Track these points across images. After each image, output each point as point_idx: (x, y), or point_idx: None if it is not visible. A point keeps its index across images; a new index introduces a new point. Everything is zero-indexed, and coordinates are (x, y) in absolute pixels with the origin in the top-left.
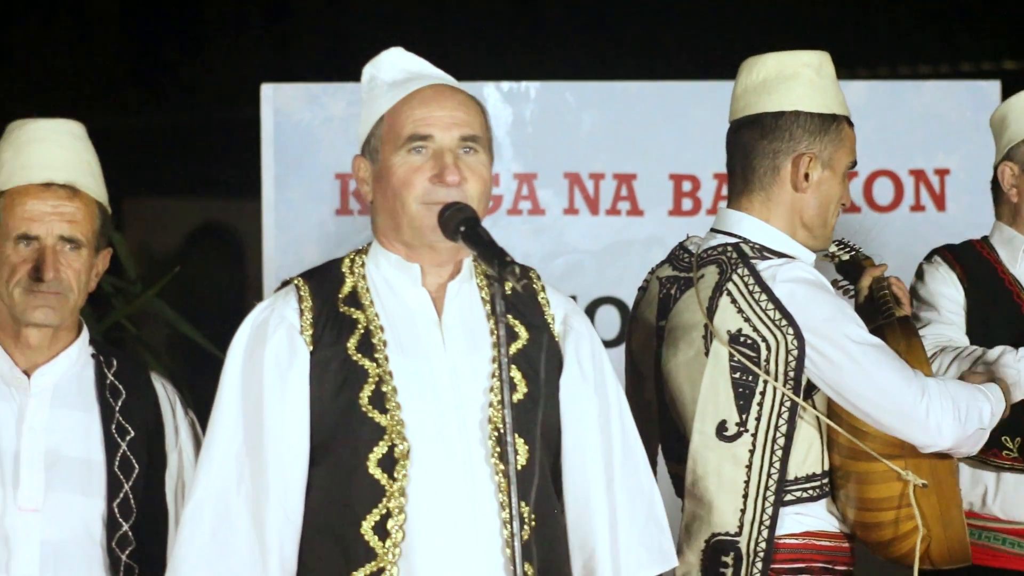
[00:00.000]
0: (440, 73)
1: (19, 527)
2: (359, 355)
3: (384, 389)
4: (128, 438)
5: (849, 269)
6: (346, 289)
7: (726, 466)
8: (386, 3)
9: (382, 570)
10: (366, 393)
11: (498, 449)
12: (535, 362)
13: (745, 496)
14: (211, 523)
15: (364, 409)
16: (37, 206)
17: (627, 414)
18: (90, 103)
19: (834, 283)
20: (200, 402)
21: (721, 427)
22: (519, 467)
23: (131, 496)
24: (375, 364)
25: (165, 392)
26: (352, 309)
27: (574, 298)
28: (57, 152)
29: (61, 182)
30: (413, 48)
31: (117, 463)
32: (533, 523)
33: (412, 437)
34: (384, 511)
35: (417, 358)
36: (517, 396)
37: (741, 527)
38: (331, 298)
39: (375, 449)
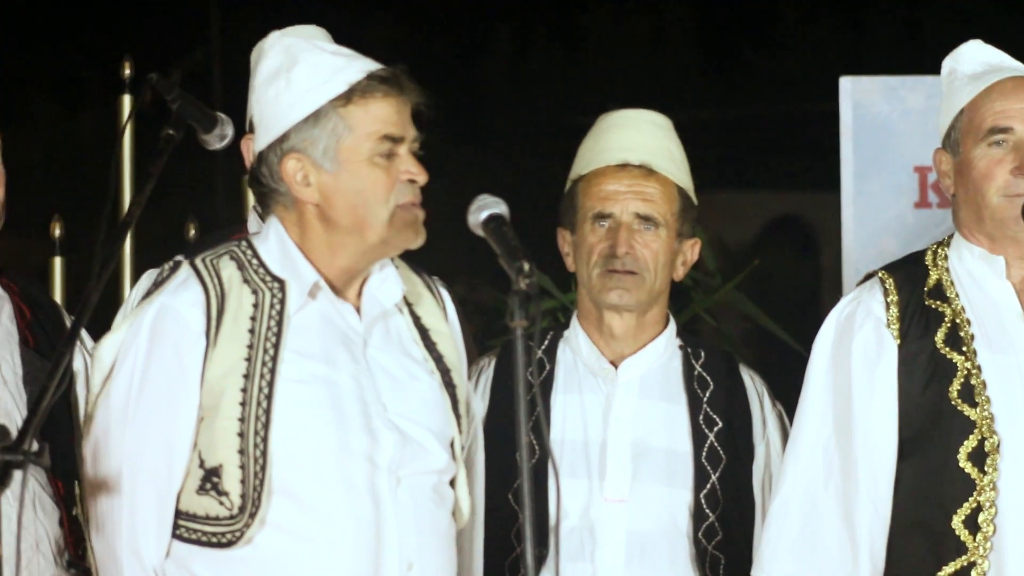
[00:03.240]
0: (1019, 65)
1: (605, 518)
2: (947, 348)
3: (973, 383)
4: (715, 429)
5: None
6: (931, 282)
7: None
8: None
9: (973, 564)
10: (955, 387)
11: None
12: None
13: None
14: (799, 519)
15: (954, 403)
16: (612, 185)
17: None
18: (665, 97)
19: None
20: (779, 394)
21: None
22: None
23: (718, 487)
24: (963, 357)
25: (753, 384)
26: (938, 302)
27: None
28: (634, 136)
29: (636, 163)
30: (990, 41)
31: (704, 454)
32: None
33: (1002, 431)
34: (975, 505)
35: (1004, 352)
36: None
37: None
38: (916, 291)
39: (965, 443)
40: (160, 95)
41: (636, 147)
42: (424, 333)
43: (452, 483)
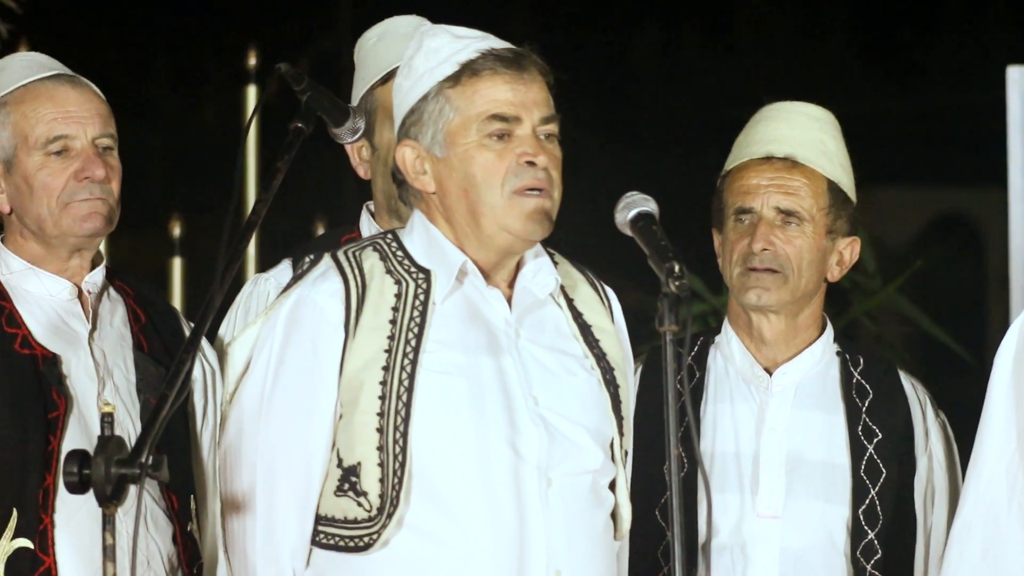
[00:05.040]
0: None
1: (758, 534)
2: None
3: None
4: (875, 441)
5: None
6: None
7: None
8: None
9: None
10: None
11: None
12: None
13: None
14: (981, 542)
15: None
16: (753, 179)
17: None
18: (821, 89)
19: None
20: (942, 403)
21: None
22: None
23: (877, 503)
24: None
25: (915, 392)
26: None
27: None
28: (783, 128)
29: (780, 155)
30: None
31: (863, 467)
32: None
33: None
34: None
35: None
36: None
37: None
38: None
39: None
40: (289, 86)
41: (782, 139)
42: (585, 329)
43: (612, 487)
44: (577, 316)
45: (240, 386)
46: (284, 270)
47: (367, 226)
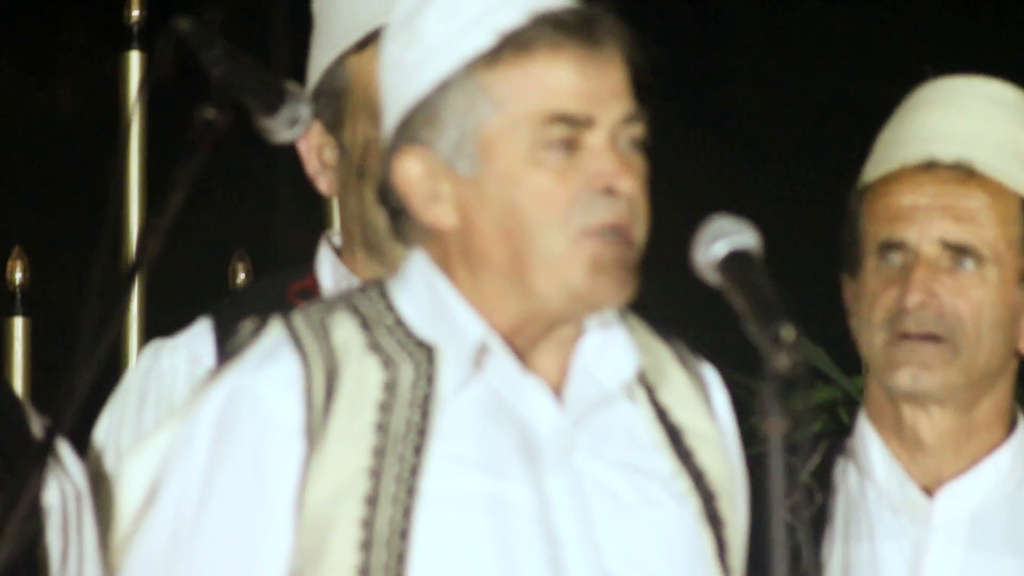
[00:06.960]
0: None
1: None
2: None
3: None
4: None
5: None
6: None
7: None
8: None
9: None
10: None
11: None
12: None
13: None
14: None
15: None
16: (908, 197)
17: None
18: (1010, 59)
19: None
20: None
21: None
22: None
23: None
24: None
25: None
26: None
27: None
28: (953, 119)
29: (948, 160)
30: None
31: None
32: None
33: None
34: None
35: None
36: None
37: None
38: None
39: None
40: (192, 52)
41: (952, 135)
42: (675, 435)
43: None
44: (662, 415)
45: (140, 527)
46: (200, 336)
47: (329, 270)
